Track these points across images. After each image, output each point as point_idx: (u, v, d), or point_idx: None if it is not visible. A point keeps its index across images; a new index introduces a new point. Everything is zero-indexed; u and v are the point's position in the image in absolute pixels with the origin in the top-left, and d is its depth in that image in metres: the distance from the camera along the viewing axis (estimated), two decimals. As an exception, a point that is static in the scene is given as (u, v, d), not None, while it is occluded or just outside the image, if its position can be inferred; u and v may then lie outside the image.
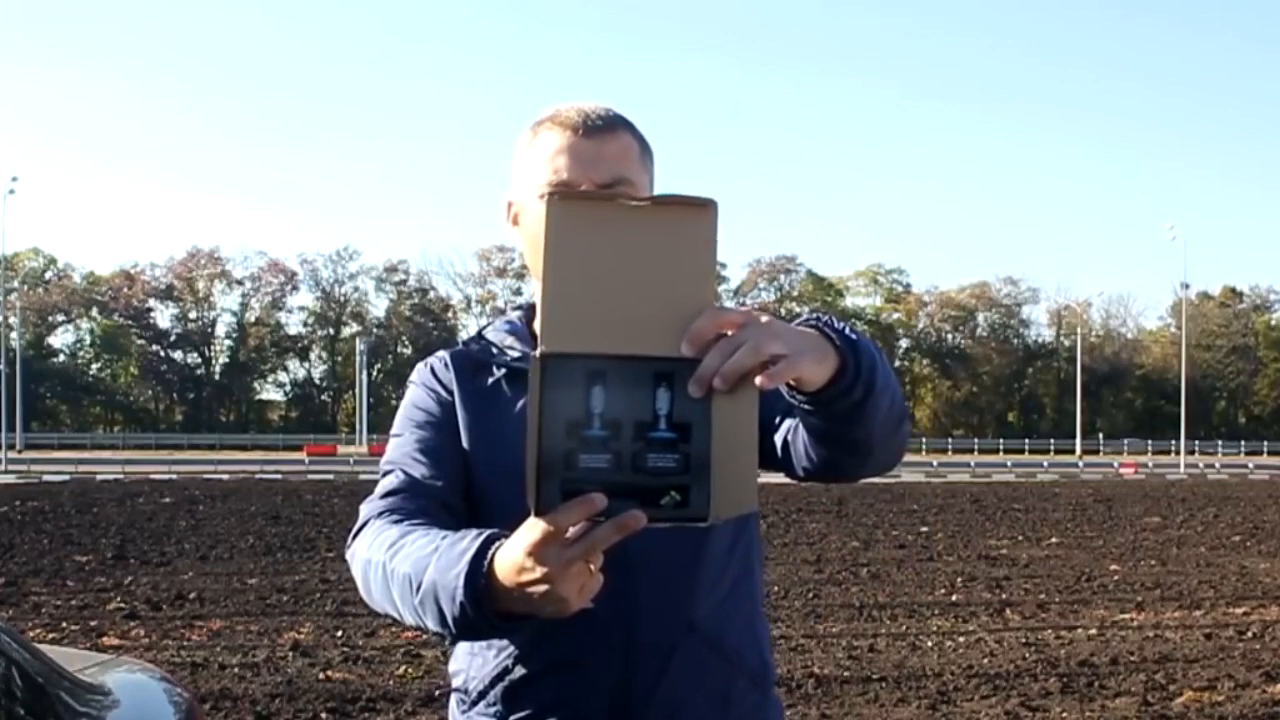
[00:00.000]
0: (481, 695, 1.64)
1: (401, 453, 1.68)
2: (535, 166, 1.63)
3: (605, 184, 1.59)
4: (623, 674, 1.56)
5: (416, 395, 1.75)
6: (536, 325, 1.70)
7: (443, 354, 1.78)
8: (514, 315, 1.80)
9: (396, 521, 1.54)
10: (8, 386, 53.69)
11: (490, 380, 1.70)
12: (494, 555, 1.26)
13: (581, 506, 1.09)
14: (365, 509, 1.63)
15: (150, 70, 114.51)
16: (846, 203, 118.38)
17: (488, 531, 1.31)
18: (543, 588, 1.18)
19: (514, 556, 1.20)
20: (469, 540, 1.31)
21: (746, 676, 1.66)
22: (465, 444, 1.66)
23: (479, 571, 1.26)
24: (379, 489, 1.66)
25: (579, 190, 1.52)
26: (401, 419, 1.74)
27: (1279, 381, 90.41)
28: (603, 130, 1.61)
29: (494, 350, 1.73)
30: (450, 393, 1.71)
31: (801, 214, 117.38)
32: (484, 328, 1.80)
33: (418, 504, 1.59)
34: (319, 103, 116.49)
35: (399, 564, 1.43)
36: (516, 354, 1.70)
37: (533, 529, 1.15)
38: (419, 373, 1.77)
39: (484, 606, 1.27)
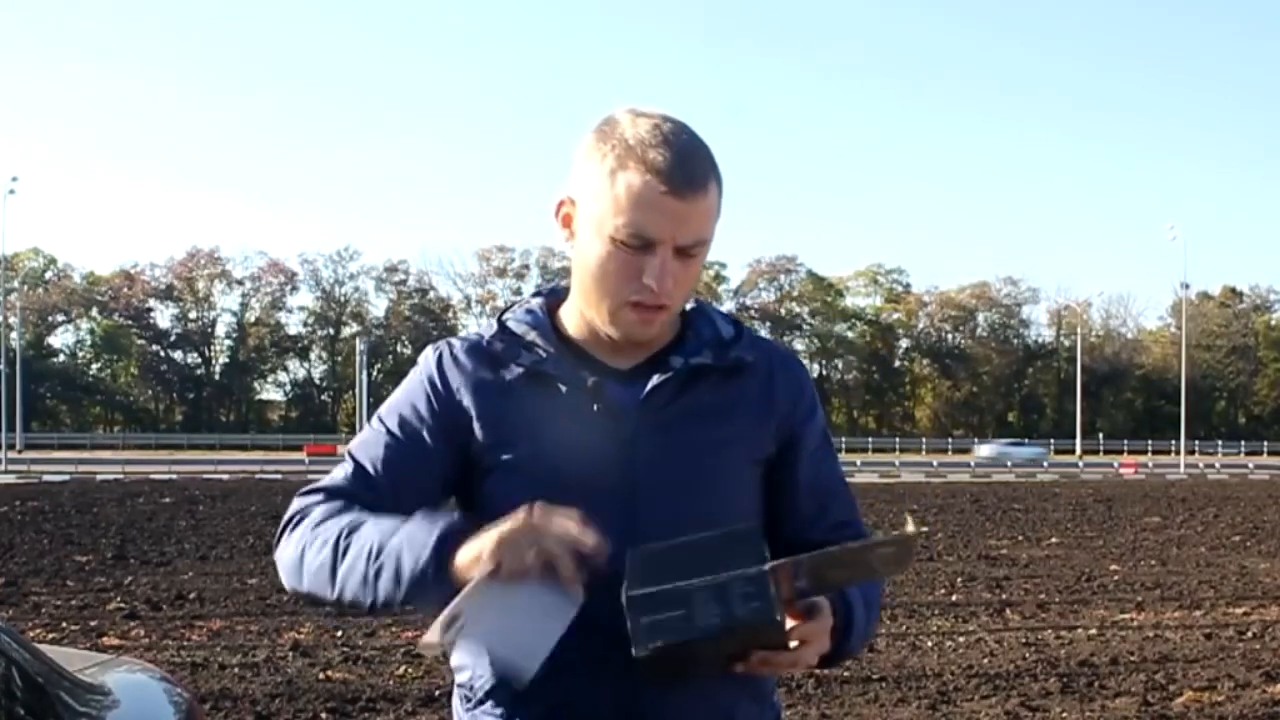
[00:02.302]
0: (488, 695, 1.62)
1: (368, 452, 1.63)
2: (612, 202, 1.53)
3: (684, 246, 1.54)
4: (629, 683, 1.54)
5: (415, 389, 1.67)
6: (562, 312, 1.69)
7: (458, 343, 1.69)
8: (535, 304, 1.71)
9: (346, 508, 1.57)
10: (8, 386, 53.67)
11: (508, 377, 1.63)
12: (461, 531, 1.42)
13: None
14: (303, 501, 1.62)
15: (150, 70, 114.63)
16: (846, 203, 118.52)
17: (462, 514, 1.46)
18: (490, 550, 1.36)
19: (487, 534, 1.38)
20: (444, 516, 1.46)
21: (749, 694, 1.66)
22: (479, 435, 1.61)
23: (448, 539, 1.42)
24: (329, 478, 1.64)
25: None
26: (389, 408, 1.67)
27: (1279, 381, 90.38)
28: (694, 190, 1.52)
29: (517, 346, 1.65)
30: (457, 388, 1.64)
31: (801, 214, 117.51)
32: (503, 313, 1.71)
33: (352, 503, 1.59)
34: (319, 102, 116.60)
35: (359, 537, 1.50)
36: (539, 355, 1.63)
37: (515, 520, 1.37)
38: (427, 360, 1.68)
39: (443, 569, 1.40)
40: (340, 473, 1.64)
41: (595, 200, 1.55)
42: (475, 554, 1.38)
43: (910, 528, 1.32)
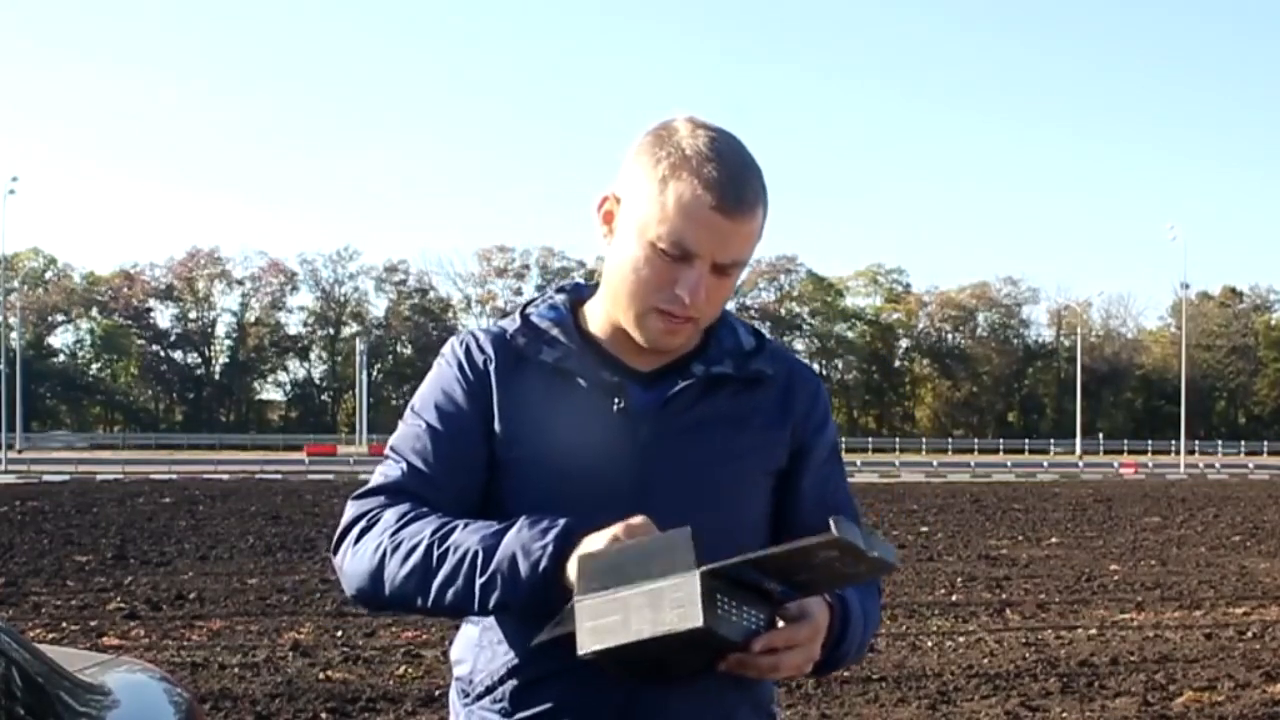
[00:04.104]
0: (488, 691, 1.63)
1: (414, 447, 1.62)
2: (659, 209, 1.53)
3: (721, 265, 1.55)
4: (630, 687, 1.54)
5: (445, 378, 1.66)
6: (586, 309, 1.69)
7: (482, 335, 1.68)
8: (559, 300, 1.70)
9: (420, 512, 1.55)
10: (8, 386, 53.63)
11: (530, 371, 1.63)
12: (579, 534, 1.42)
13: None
14: (363, 504, 1.60)
15: (150, 70, 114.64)
16: (846, 203, 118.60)
17: (566, 519, 1.46)
18: None
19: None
20: (550, 519, 1.46)
21: (749, 702, 1.66)
22: (498, 427, 1.61)
23: (568, 540, 1.42)
24: (378, 477, 1.62)
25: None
26: (424, 400, 1.65)
27: (1279, 381, 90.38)
28: (743, 211, 1.53)
29: (540, 341, 1.64)
30: (484, 378, 1.63)
31: (801, 214, 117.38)
32: (526, 307, 1.70)
33: (418, 503, 1.57)
34: (319, 102, 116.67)
35: (459, 544, 1.48)
36: (561, 351, 1.63)
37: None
38: (453, 350, 1.68)
39: (560, 573, 1.41)
40: (393, 471, 1.62)
41: (642, 203, 1.55)
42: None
43: (834, 532, 1.29)
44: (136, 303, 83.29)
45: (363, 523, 1.58)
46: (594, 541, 1.40)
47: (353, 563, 1.57)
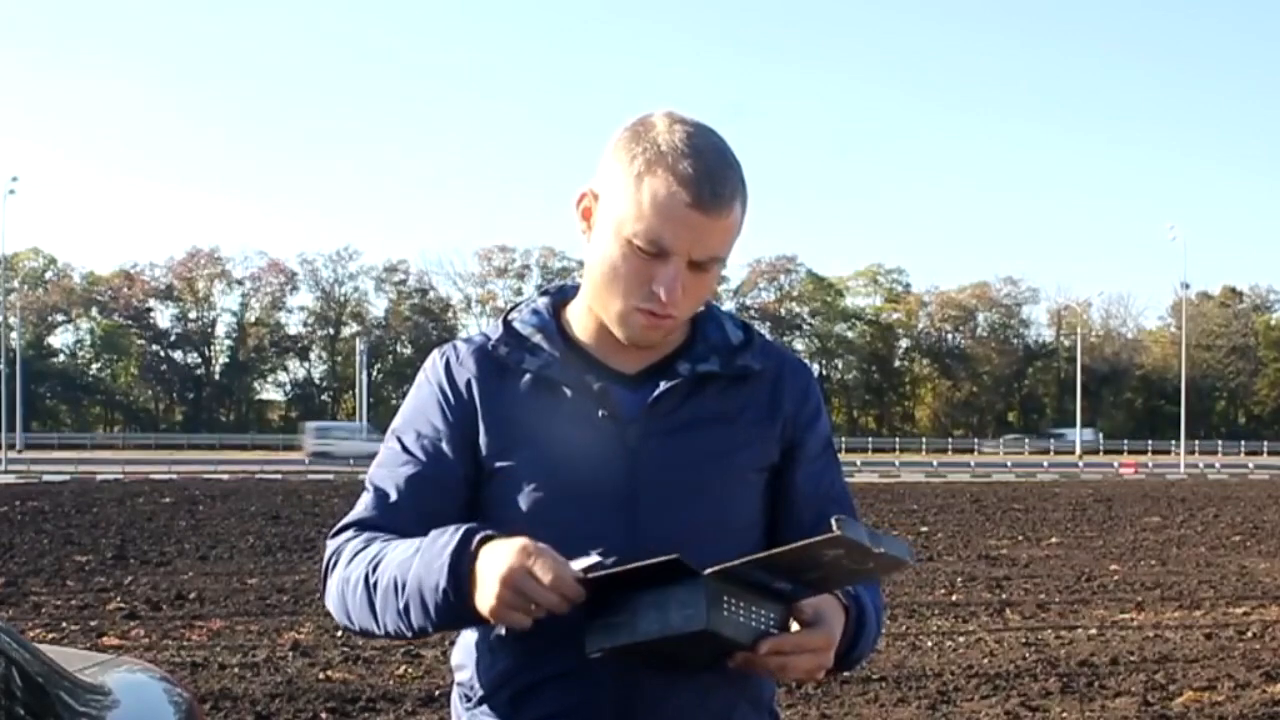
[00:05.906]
0: (487, 696, 1.62)
1: (389, 476, 1.62)
2: (635, 206, 1.51)
3: (699, 261, 1.52)
4: (629, 688, 1.54)
5: (426, 401, 1.64)
6: (570, 311, 1.68)
7: (463, 346, 1.66)
8: (542, 304, 1.69)
9: (370, 541, 1.56)
10: (8, 386, 53.63)
11: (513, 381, 1.61)
12: (477, 548, 1.41)
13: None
14: (334, 542, 1.62)
15: (150, 70, 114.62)
16: (846, 203, 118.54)
17: (466, 526, 1.43)
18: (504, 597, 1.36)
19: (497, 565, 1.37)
20: (449, 534, 1.43)
21: (748, 700, 1.65)
22: (484, 439, 1.60)
23: (462, 558, 1.40)
24: (354, 512, 1.63)
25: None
26: (405, 424, 1.65)
27: (1279, 381, 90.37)
28: (719, 207, 1.50)
29: (522, 349, 1.62)
30: (466, 393, 1.62)
31: (801, 214, 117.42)
32: (509, 313, 1.69)
33: (383, 534, 1.58)
34: (319, 103, 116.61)
35: (383, 572, 1.49)
36: (544, 358, 1.61)
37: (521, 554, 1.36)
38: (432, 367, 1.66)
39: (464, 593, 1.40)
40: (363, 503, 1.63)
41: (618, 200, 1.53)
42: (484, 606, 1.39)
43: (835, 530, 1.29)
44: (136, 303, 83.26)
45: (331, 561, 1.61)
46: (496, 550, 1.39)
47: (329, 601, 1.61)
